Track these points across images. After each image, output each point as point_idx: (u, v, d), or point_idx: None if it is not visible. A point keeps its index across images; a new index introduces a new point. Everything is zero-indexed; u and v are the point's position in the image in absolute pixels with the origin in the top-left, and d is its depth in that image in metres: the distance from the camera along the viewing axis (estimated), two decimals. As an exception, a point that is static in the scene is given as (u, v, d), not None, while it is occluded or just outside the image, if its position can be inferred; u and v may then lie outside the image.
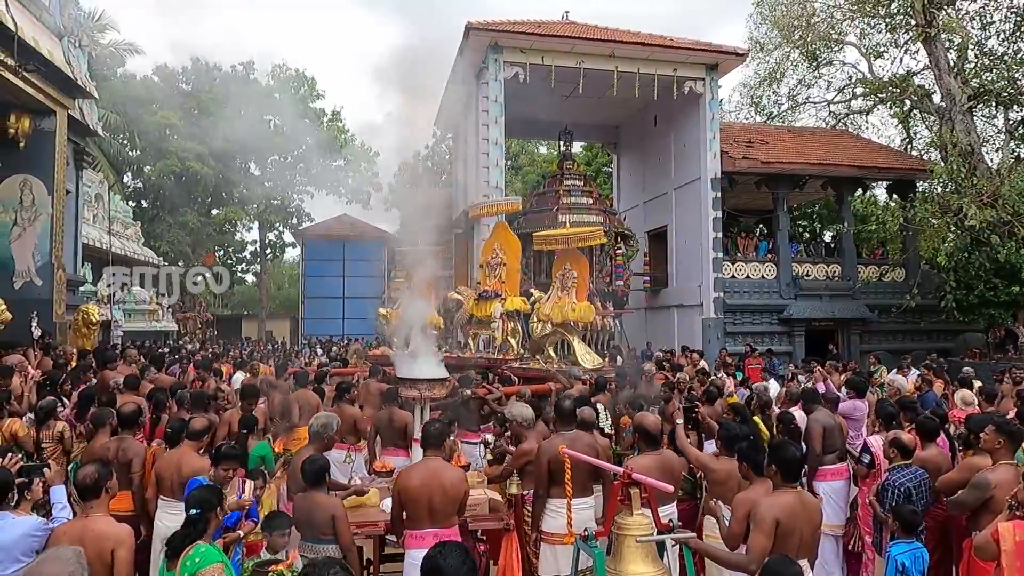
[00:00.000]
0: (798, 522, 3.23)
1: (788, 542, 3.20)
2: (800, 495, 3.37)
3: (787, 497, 3.28)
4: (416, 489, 3.81)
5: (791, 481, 3.36)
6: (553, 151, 32.82)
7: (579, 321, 9.13)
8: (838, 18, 20.73)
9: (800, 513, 3.25)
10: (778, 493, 3.33)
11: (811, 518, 3.33)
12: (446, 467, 4.01)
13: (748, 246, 17.55)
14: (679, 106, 16.98)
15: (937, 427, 5.17)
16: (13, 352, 8.28)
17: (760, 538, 3.17)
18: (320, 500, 3.86)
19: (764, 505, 3.26)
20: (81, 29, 12.42)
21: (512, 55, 15.36)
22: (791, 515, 3.21)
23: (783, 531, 3.19)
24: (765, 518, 3.19)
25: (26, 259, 11.81)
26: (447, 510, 3.86)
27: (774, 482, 3.39)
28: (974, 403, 6.57)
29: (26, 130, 11.46)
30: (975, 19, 18.10)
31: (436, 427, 4.14)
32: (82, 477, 3.35)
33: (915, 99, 19.58)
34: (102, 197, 21.22)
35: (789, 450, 3.43)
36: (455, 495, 3.89)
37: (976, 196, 14.69)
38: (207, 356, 12.95)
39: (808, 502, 3.39)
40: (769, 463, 3.44)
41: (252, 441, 5.43)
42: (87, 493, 3.32)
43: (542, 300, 9.66)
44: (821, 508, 3.47)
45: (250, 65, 33.93)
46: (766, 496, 3.36)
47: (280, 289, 45.59)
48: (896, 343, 16.95)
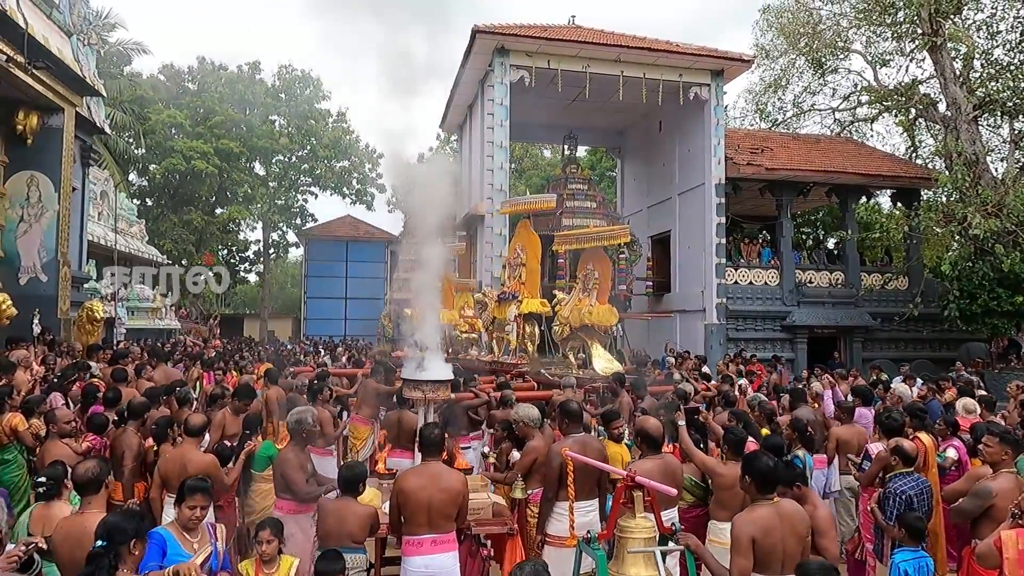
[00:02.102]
0: (777, 536, 3.04)
1: (770, 559, 3.03)
2: (778, 506, 3.15)
3: (761, 511, 3.10)
4: (414, 493, 3.75)
5: (767, 493, 3.16)
6: (557, 155, 32.89)
7: (598, 324, 8.65)
8: (844, 26, 20.77)
9: (778, 526, 3.06)
10: (752, 508, 3.15)
11: (794, 529, 3.10)
12: (445, 471, 3.94)
13: (751, 252, 17.55)
14: (684, 112, 17.00)
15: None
16: (19, 347, 8.31)
17: (739, 560, 2.99)
18: (356, 508, 3.82)
19: (737, 524, 3.08)
20: (90, 27, 12.49)
21: (518, 59, 15.40)
22: (767, 530, 3.03)
23: (762, 548, 3.01)
24: (739, 537, 3.02)
25: (32, 255, 11.88)
26: (446, 515, 3.80)
27: (749, 495, 3.22)
28: (976, 411, 6.56)
29: (34, 127, 11.53)
30: (981, 29, 18.12)
31: (434, 431, 4.08)
32: (83, 472, 3.30)
33: (920, 107, 19.58)
34: (107, 195, 21.29)
35: (761, 460, 3.23)
36: (454, 499, 3.82)
37: (981, 205, 14.68)
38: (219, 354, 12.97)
39: (787, 512, 3.15)
40: (742, 475, 3.25)
41: (256, 442, 5.37)
42: (87, 488, 3.29)
43: (563, 302, 9.24)
44: (808, 514, 3.28)
45: (256, 65, 34.08)
46: (741, 513, 3.20)
47: (283, 289, 45.71)
48: (899, 352, 16.93)
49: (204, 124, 31.12)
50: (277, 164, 35.58)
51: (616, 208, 21.06)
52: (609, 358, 8.59)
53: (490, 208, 15.33)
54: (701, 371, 10.41)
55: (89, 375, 7.64)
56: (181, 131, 30.30)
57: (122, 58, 26.86)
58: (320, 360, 14.06)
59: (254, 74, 33.85)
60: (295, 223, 36.33)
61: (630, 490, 3.39)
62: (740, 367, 11.75)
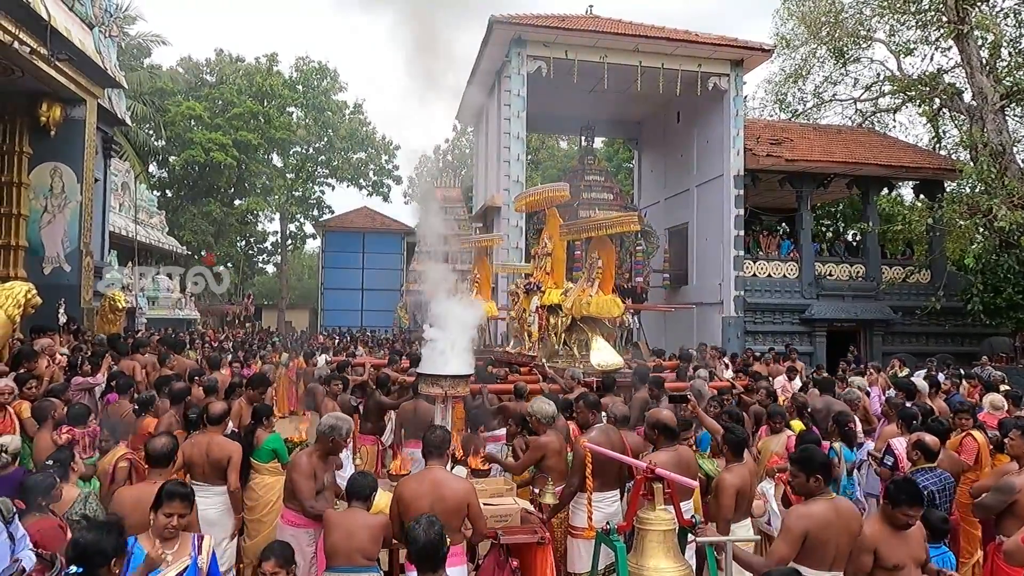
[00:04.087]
0: (832, 533, 3.09)
1: (821, 554, 3.09)
2: (835, 503, 3.21)
3: (819, 507, 3.15)
4: (415, 501, 3.53)
5: (825, 487, 3.22)
6: (574, 146, 32.74)
7: (598, 316, 8.06)
8: (867, 14, 20.41)
9: (834, 523, 3.10)
10: (811, 503, 3.20)
11: (848, 527, 3.14)
12: (448, 478, 3.69)
13: (770, 245, 17.37)
14: (703, 102, 16.82)
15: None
16: (43, 336, 8.45)
17: (782, 547, 3.07)
18: (366, 519, 3.58)
19: (795, 515, 3.17)
20: (111, 19, 12.60)
21: (535, 49, 15.31)
22: (823, 526, 3.08)
23: (813, 543, 3.07)
24: (792, 528, 3.09)
25: (56, 245, 12.06)
26: (449, 525, 3.45)
27: (810, 491, 3.22)
28: (1003, 407, 6.45)
29: (57, 119, 11.67)
30: (1008, 16, 17.71)
31: (438, 434, 3.84)
32: (158, 446, 3.65)
33: (945, 97, 19.20)
34: (128, 186, 21.56)
35: (818, 455, 3.30)
36: (456, 509, 3.55)
37: (1007, 197, 14.40)
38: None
39: (843, 510, 3.21)
40: (802, 473, 3.25)
41: (263, 434, 5.22)
42: (160, 461, 3.64)
43: (569, 292, 8.74)
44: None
45: (274, 57, 34.23)
46: (799, 505, 3.25)
47: (300, 280, 46.06)
48: (919, 345, 16.68)
49: (222, 116, 31.34)
50: (294, 156, 35.77)
51: (633, 200, 20.95)
52: (610, 351, 7.97)
53: (506, 200, 15.30)
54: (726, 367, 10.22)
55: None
56: (200, 123, 30.53)
57: (142, 50, 27.13)
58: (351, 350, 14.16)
59: (271, 66, 33.98)
60: (312, 214, 36.55)
61: (650, 482, 3.38)
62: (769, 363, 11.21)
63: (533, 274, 9.95)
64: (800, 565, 3.03)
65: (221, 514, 4.51)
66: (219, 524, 4.45)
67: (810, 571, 3.09)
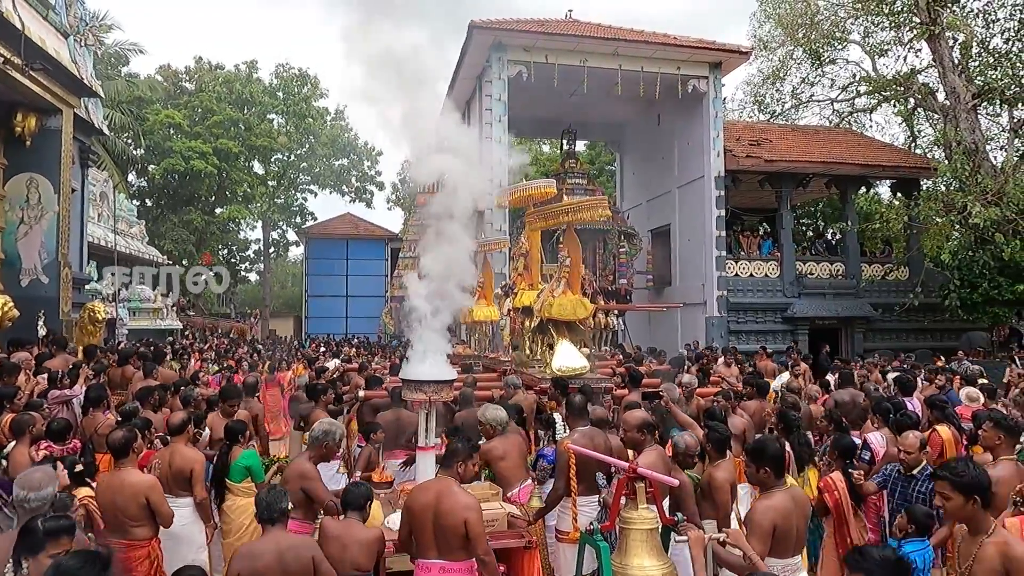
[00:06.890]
0: (793, 520, 3.22)
1: (786, 543, 3.21)
2: (791, 491, 3.33)
3: (779, 497, 3.23)
4: (420, 513, 3.44)
5: (781, 478, 3.31)
6: (556, 150, 32.84)
7: (561, 317, 7.31)
8: (842, 16, 20.73)
9: (793, 511, 3.23)
10: (770, 495, 3.25)
11: (804, 513, 3.32)
12: (451, 491, 3.47)
13: (751, 244, 17.55)
14: (683, 105, 16.97)
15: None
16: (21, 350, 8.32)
17: (757, 545, 3.08)
18: (360, 533, 3.49)
19: (759, 510, 3.19)
20: (86, 28, 12.47)
21: (515, 54, 15.37)
22: (786, 516, 3.19)
23: (780, 534, 3.14)
24: (761, 523, 3.12)
25: (33, 257, 11.86)
26: (455, 540, 3.37)
27: (767, 483, 3.28)
28: (979, 400, 6.57)
29: (32, 129, 11.50)
30: (979, 16, 18.08)
31: (459, 445, 3.67)
32: (115, 440, 3.98)
33: (919, 97, 19.54)
34: (107, 196, 21.28)
35: (771, 447, 3.34)
36: (454, 524, 3.36)
37: (980, 194, 14.67)
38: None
39: (798, 497, 3.35)
40: (752, 464, 3.33)
41: (237, 449, 4.95)
42: (119, 452, 3.96)
43: (539, 293, 8.09)
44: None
45: (253, 64, 34.03)
46: (759, 500, 3.29)
47: (283, 288, 45.75)
48: (899, 342, 16.92)
49: (202, 124, 31.09)
50: (276, 163, 35.55)
51: (616, 202, 21.05)
52: (574, 354, 7.20)
53: (489, 204, 15.30)
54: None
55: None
56: (179, 131, 30.26)
57: (119, 59, 26.85)
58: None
59: (251, 73, 33.78)
60: (295, 222, 36.34)
61: (632, 482, 3.40)
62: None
63: (511, 275, 9.74)
64: (769, 558, 3.08)
65: (187, 527, 4.39)
66: (186, 540, 4.35)
67: (778, 561, 3.17)
